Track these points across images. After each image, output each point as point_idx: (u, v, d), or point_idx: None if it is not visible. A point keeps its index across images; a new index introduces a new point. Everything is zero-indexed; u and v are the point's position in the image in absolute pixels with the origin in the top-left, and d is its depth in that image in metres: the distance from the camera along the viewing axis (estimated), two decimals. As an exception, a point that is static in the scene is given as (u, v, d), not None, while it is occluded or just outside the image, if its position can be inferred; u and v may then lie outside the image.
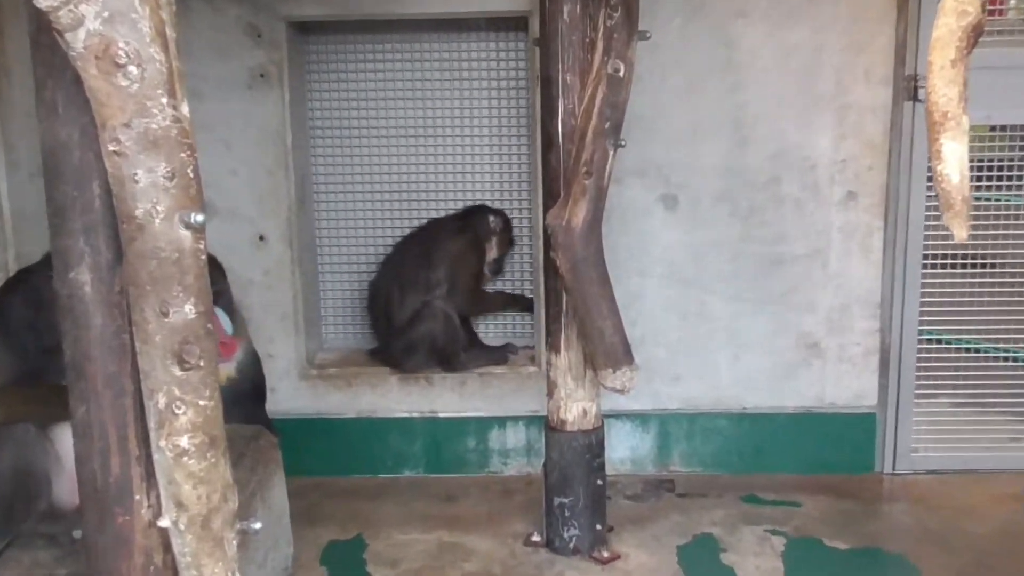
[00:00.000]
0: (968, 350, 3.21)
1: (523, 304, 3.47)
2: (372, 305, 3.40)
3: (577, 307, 2.47)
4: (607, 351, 2.45)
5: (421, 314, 3.24)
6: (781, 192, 3.18)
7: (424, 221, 3.39)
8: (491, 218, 3.33)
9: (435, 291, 3.26)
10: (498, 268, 3.44)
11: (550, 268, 2.58)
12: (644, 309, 3.24)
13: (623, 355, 2.46)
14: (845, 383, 3.28)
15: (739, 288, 3.23)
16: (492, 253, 3.37)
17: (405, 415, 3.33)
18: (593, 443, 2.73)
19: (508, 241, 3.40)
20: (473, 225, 3.31)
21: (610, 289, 2.46)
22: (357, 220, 3.48)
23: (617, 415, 3.26)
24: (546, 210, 2.54)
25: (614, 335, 2.45)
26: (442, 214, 3.41)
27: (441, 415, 3.33)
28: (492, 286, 3.50)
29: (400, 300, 3.26)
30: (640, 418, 3.32)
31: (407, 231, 3.39)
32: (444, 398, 3.32)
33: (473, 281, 3.36)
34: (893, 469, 3.26)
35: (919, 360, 3.19)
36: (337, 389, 3.33)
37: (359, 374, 3.33)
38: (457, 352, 3.30)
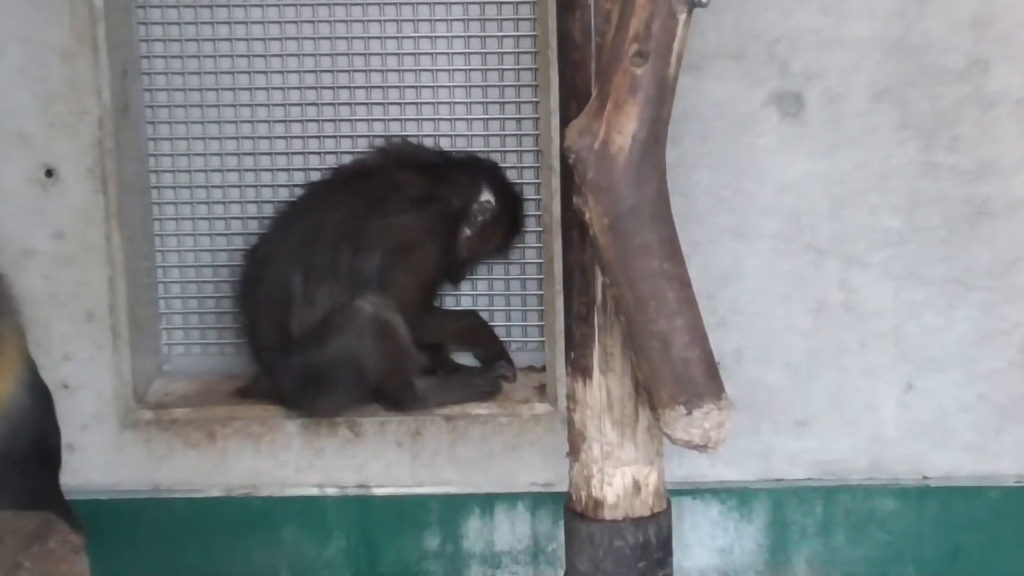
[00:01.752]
0: None
1: (490, 346, 3.53)
2: (247, 300, 3.42)
3: (623, 297, 2.50)
4: (676, 375, 2.48)
5: (334, 322, 3.27)
6: (990, 87, 3.21)
7: (364, 153, 3.42)
8: (483, 197, 3.38)
9: (363, 287, 3.30)
10: (465, 271, 3.52)
11: (573, 227, 2.61)
12: (743, 298, 3.29)
13: (704, 382, 2.49)
14: (1114, 432, 3.34)
15: (915, 259, 3.27)
16: (465, 245, 3.43)
17: (313, 492, 3.38)
18: (652, 541, 2.76)
19: (504, 233, 3.46)
20: (447, 195, 3.37)
21: (682, 264, 2.49)
22: (227, 141, 3.52)
23: (695, 490, 3.32)
24: (564, 123, 2.57)
25: (689, 347, 2.48)
26: (391, 132, 3.46)
27: (378, 491, 3.38)
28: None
29: (305, 293, 3.29)
30: (738, 495, 3.38)
31: (327, 169, 3.43)
32: (383, 460, 3.37)
33: (419, 289, 3.42)
34: None
35: None
36: (190, 446, 3.37)
37: (231, 418, 3.37)
38: (407, 380, 3.35)
